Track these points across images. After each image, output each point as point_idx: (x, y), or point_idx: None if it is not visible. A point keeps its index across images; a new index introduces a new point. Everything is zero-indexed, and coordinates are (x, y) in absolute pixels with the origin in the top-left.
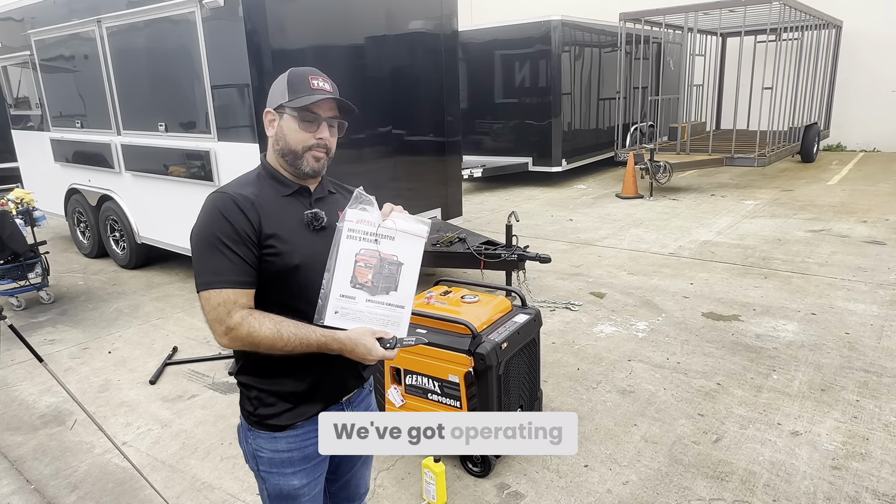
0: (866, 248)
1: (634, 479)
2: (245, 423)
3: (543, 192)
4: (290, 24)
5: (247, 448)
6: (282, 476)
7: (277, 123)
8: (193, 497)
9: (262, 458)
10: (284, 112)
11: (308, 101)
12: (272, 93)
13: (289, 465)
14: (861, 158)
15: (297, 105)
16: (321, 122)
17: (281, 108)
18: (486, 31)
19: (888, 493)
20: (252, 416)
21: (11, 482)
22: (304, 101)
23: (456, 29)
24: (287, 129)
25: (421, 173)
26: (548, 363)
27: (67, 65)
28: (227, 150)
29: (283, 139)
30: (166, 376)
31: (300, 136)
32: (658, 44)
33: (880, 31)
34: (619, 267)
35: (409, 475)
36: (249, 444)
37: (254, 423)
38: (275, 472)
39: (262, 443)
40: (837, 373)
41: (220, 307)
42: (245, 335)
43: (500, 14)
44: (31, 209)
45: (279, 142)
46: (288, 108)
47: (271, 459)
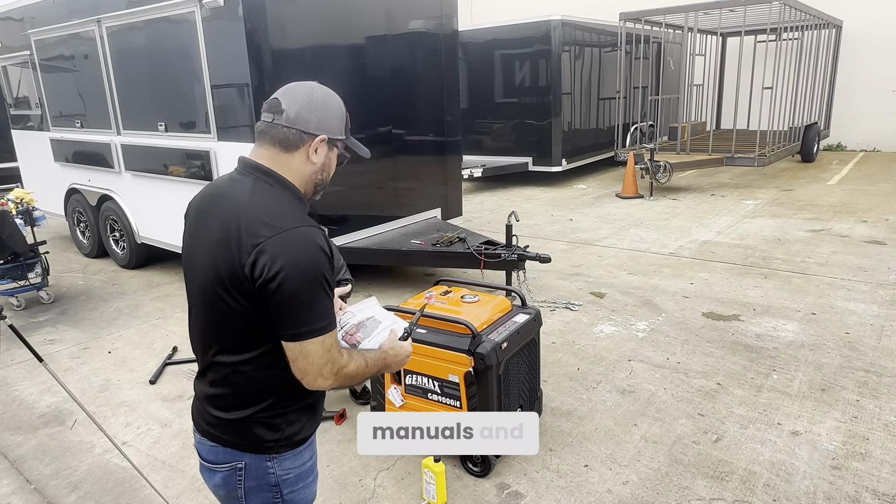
0: (866, 247)
1: (634, 478)
2: (260, 457)
3: (543, 192)
4: (290, 24)
5: (263, 481)
6: (306, 487)
7: (326, 153)
8: (193, 497)
9: (289, 479)
10: (336, 146)
11: (363, 153)
12: (326, 118)
13: (310, 474)
14: (861, 158)
15: (355, 150)
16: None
17: (335, 142)
18: (486, 31)
19: (888, 493)
20: (280, 442)
21: (11, 482)
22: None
23: (456, 29)
24: (332, 162)
25: (421, 173)
26: (548, 363)
27: (67, 65)
28: (227, 149)
29: (328, 170)
30: (166, 376)
31: (333, 171)
32: (658, 43)
33: (880, 32)
34: (619, 267)
35: (409, 475)
36: (271, 475)
37: (281, 448)
38: (300, 486)
39: (287, 464)
40: (837, 373)
41: (332, 349)
42: (351, 371)
43: (500, 14)
44: (31, 209)
45: (323, 171)
46: (340, 145)
47: (298, 476)
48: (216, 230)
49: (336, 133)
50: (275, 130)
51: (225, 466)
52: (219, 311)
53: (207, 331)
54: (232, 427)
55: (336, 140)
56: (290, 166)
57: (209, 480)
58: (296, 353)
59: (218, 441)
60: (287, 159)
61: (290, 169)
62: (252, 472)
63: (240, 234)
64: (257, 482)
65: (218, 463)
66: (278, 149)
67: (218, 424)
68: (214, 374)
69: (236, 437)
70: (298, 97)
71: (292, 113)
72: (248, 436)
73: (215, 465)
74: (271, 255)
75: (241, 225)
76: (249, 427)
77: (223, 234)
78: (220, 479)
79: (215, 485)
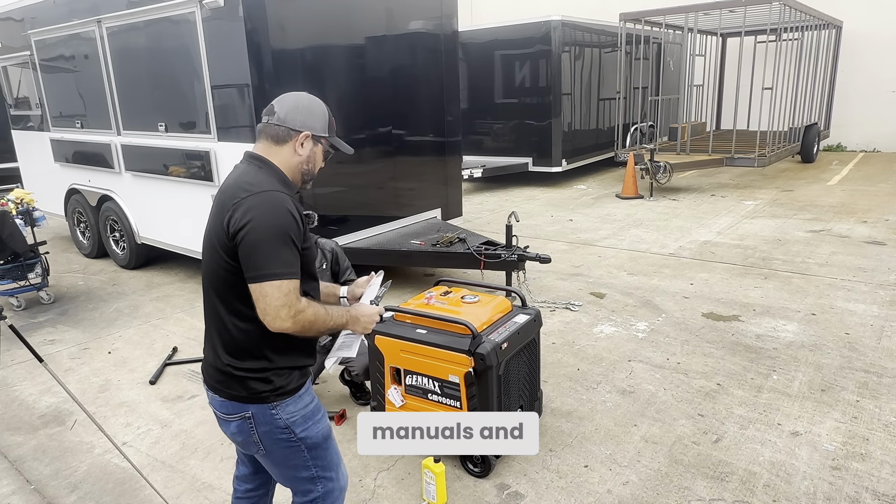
0: (866, 248)
1: (634, 479)
2: (263, 406)
3: (543, 193)
4: (290, 24)
5: (273, 426)
6: (317, 423)
7: (311, 148)
8: (193, 497)
9: (297, 420)
10: (320, 142)
11: (346, 150)
12: (310, 119)
13: (317, 412)
14: (861, 159)
15: (339, 147)
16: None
17: (319, 138)
18: (486, 31)
19: (888, 494)
20: (274, 393)
21: (11, 482)
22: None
23: (456, 29)
24: (318, 156)
25: (421, 173)
26: (548, 363)
27: (67, 65)
28: (227, 150)
29: (313, 162)
30: (166, 376)
31: (319, 164)
32: (658, 44)
33: (880, 32)
34: (619, 267)
35: (409, 475)
36: (279, 419)
37: (277, 397)
38: (311, 423)
39: (290, 409)
40: (837, 373)
41: (290, 294)
42: (309, 316)
43: (500, 14)
44: (31, 209)
45: (309, 162)
46: (325, 142)
47: (304, 415)
48: (216, 206)
49: (319, 131)
50: (269, 128)
51: (235, 417)
52: (213, 271)
53: (207, 290)
54: (231, 381)
55: (320, 137)
56: (280, 156)
57: (226, 430)
58: (257, 295)
59: (224, 395)
60: (278, 151)
61: (280, 158)
62: (260, 420)
63: (224, 199)
64: (268, 427)
65: (228, 414)
66: (271, 142)
67: (220, 380)
68: (212, 331)
69: (236, 390)
70: (288, 102)
71: (282, 114)
72: (244, 388)
73: (227, 416)
74: (244, 209)
75: (228, 192)
76: (244, 381)
77: (217, 206)
78: (235, 428)
79: (232, 433)
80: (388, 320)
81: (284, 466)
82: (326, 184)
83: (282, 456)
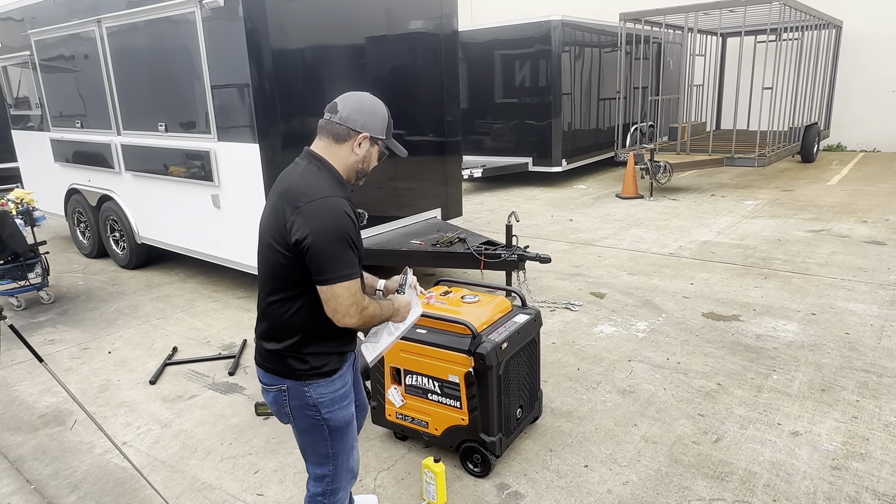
0: (866, 248)
1: (634, 479)
2: (297, 383)
3: (543, 193)
4: (290, 24)
5: (303, 402)
6: (342, 409)
7: (368, 148)
8: (193, 497)
9: (324, 401)
10: (377, 143)
11: (400, 152)
12: (370, 120)
13: (345, 398)
14: (861, 158)
15: (393, 150)
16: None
17: (377, 140)
18: (486, 31)
19: (888, 494)
20: (309, 372)
21: (11, 482)
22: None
23: (456, 29)
24: (373, 156)
25: (421, 173)
26: (548, 363)
27: (67, 65)
28: (227, 150)
29: (368, 162)
30: (166, 376)
31: (374, 164)
32: (658, 44)
33: (880, 32)
34: (619, 267)
35: (409, 475)
36: (309, 397)
37: (311, 377)
38: (337, 408)
39: (321, 390)
40: (837, 373)
41: (357, 292)
42: (371, 311)
43: (500, 14)
44: (31, 209)
45: (364, 162)
46: (381, 144)
47: (332, 399)
48: (275, 199)
49: (378, 133)
50: (330, 126)
51: (273, 388)
52: (267, 258)
53: (261, 276)
54: (272, 357)
55: (377, 139)
56: (338, 155)
57: (266, 398)
58: (327, 295)
59: (265, 369)
60: (336, 149)
61: (337, 157)
62: (293, 394)
63: (285, 202)
64: (299, 402)
65: (268, 384)
66: (331, 140)
67: (264, 354)
68: (262, 312)
69: (276, 365)
70: (351, 102)
71: (344, 113)
72: (283, 365)
73: (267, 387)
74: (305, 218)
75: (288, 195)
76: (284, 358)
77: (277, 202)
78: (272, 398)
79: (270, 402)
80: None
81: (306, 438)
82: None
83: (306, 429)
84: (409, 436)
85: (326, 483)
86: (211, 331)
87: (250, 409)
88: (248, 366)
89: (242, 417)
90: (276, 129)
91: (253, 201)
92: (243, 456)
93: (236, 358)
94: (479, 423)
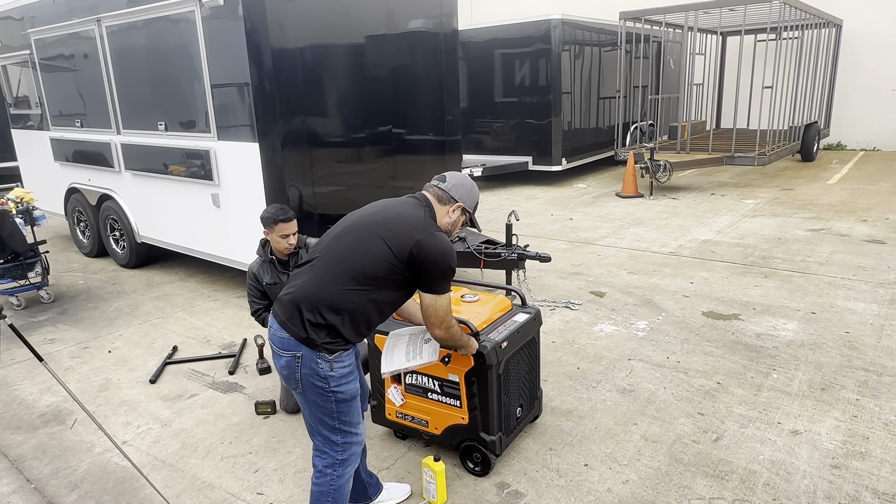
0: (866, 246)
1: (634, 478)
2: (311, 352)
3: (543, 191)
4: (290, 24)
5: (314, 372)
6: (349, 384)
7: (458, 216)
8: (193, 496)
9: (334, 376)
10: (465, 214)
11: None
12: (467, 197)
13: (352, 373)
14: (861, 157)
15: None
16: None
17: (466, 211)
18: (486, 31)
19: (888, 493)
20: (325, 345)
21: (11, 481)
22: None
23: (456, 28)
24: (459, 222)
25: (421, 172)
26: (548, 362)
27: (67, 64)
28: (227, 149)
29: (454, 225)
30: (166, 375)
31: (458, 228)
32: (658, 43)
33: (880, 31)
34: (619, 266)
35: (409, 475)
36: (320, 369)
37: (326, 350)
38: (345, 382)
39: (334, 364)
40: (837, 372)
41: (451, 306)
42: (455, 330)
43: (500, 13)
44: (31, 208)
45: (453, 225)
46: (467, 216)
47: (341, 374)
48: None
49: (468, 207)
50: (438, 190)
51: (287, 353)
52: (360, 255)
53: (337, 261)
54: (300, 321)
55: (467, 210)
56: (437, 212)
57: (277, 363)
58: (430, 302)
59: (288, 331)
60: (437, 207)
61: (436, 213)
62: (306, 362)
63: (401, 227)
64: (310, 371)
65: (284, 349)
66: (435, 200)
67: (293, 316)
68: (322, 285)
69: (299, 329)
70: (457, 178)
71: (449, 185)
72: (305, 331)
73: (282, 351)
74: (425, 246)
75: (404, 223)
76: (312, 325)
77: (389, 225)
78: (285, 362)
79: (281, 366)
80: (388, 319)
81: (315, 408)
82: (326, 183)
83: (314, 399)
84: (409, 435)
85: (336, 453)
86: (211, 330)
87: (250, 408)
88: (248, 365)
89: (242, 416)
90: (275, 128)
91: (253, 200)
92: (243, 455)
93: (236, 357)
94: (479, 422)
